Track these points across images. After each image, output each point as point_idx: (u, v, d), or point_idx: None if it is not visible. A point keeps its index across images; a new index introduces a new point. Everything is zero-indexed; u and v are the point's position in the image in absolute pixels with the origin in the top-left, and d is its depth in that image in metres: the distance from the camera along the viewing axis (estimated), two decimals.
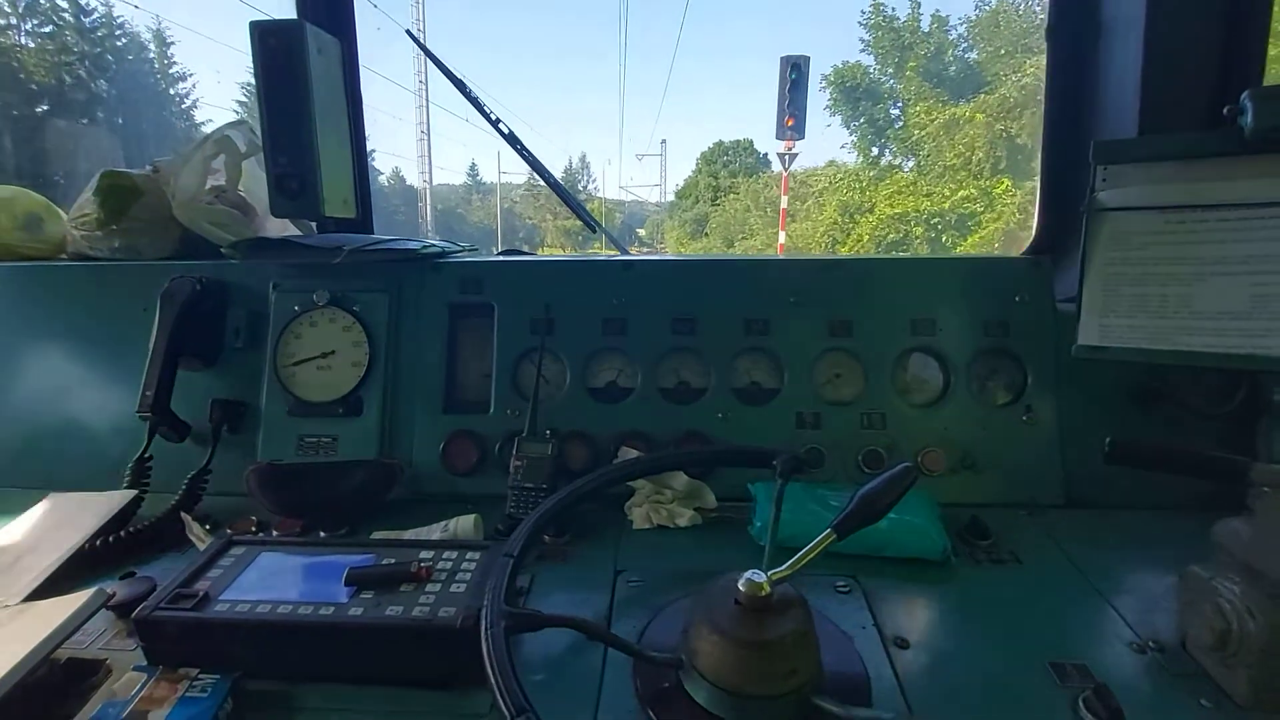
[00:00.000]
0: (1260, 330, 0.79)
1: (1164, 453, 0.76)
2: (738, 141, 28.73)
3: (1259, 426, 0.96)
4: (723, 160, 28.03)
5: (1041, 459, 1.03)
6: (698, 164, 29.96)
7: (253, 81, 1.11)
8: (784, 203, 14.20)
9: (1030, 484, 1.02)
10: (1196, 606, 0.66)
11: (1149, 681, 0.65)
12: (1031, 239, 1.29)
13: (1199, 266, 0.83)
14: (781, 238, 14.48)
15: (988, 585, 0.82)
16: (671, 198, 34.96)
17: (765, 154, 28.39)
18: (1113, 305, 0.88)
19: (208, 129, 1.24)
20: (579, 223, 1.52)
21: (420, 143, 21.77)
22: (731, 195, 25.03)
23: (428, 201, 22.97)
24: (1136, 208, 0.86)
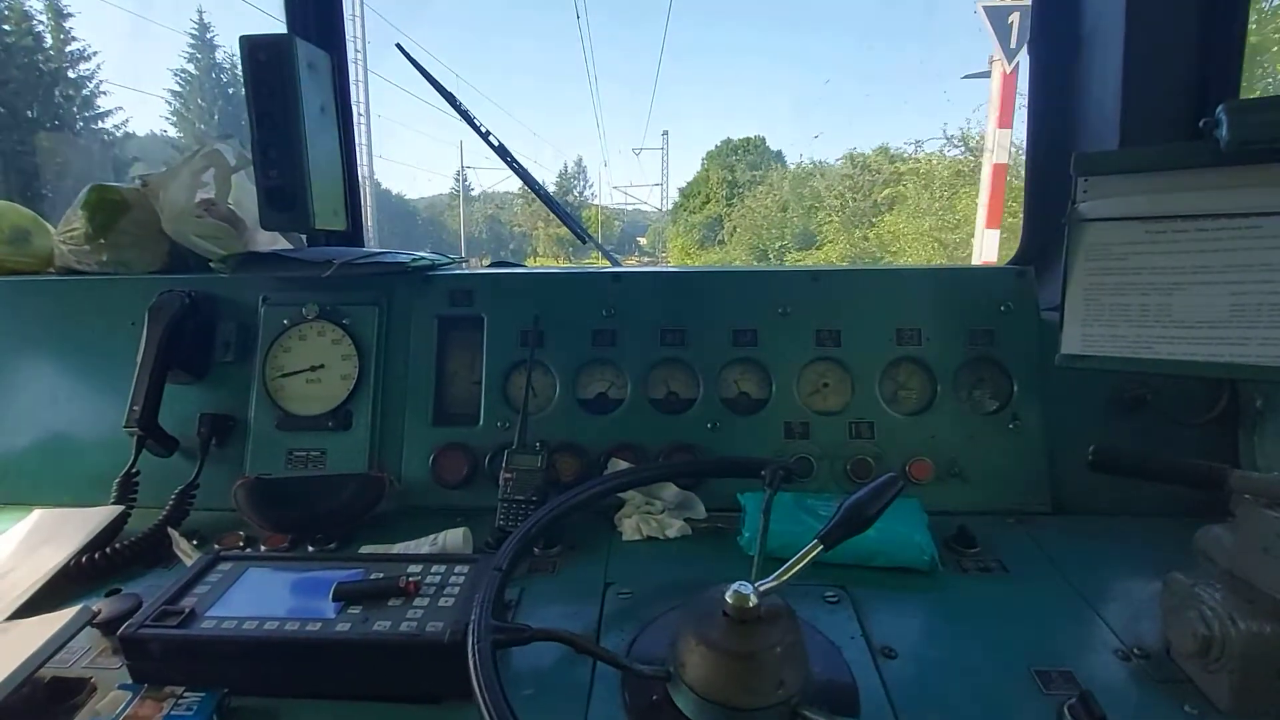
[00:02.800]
0: (1239, 338, 0.80)
1: (1146, 460, 0.76)
2: (748, 139, 26.55)
3: (1240, 433, 0.97)
4: (733, 159, 25.85)
5: (1028, 467, 1.04)
6: (704, 163, 27.60)
7: (189, 68, 1.10)
8: (994, 156, 6.21)
9: (1017, 492, 1.03)
10: (1179, 613, 0.66)
11: (1134, 688, 0.66)
12: (1017, 249, 1.31)
13: (1178, 276, 0.84)
14: (992, 242, 6.58)
15: (975, 594, 0.82)
16: (676, 199, 31.07)
17: (780, 151, 26.62)
18: (1095, 315, 0.89)
19: (117, 118, 1.20)
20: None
21: (359, 128, 18.50)
22: (759, 189, 18.73)
23: (368, 201, 17.54)
24: (1116, 218, 0.87)
